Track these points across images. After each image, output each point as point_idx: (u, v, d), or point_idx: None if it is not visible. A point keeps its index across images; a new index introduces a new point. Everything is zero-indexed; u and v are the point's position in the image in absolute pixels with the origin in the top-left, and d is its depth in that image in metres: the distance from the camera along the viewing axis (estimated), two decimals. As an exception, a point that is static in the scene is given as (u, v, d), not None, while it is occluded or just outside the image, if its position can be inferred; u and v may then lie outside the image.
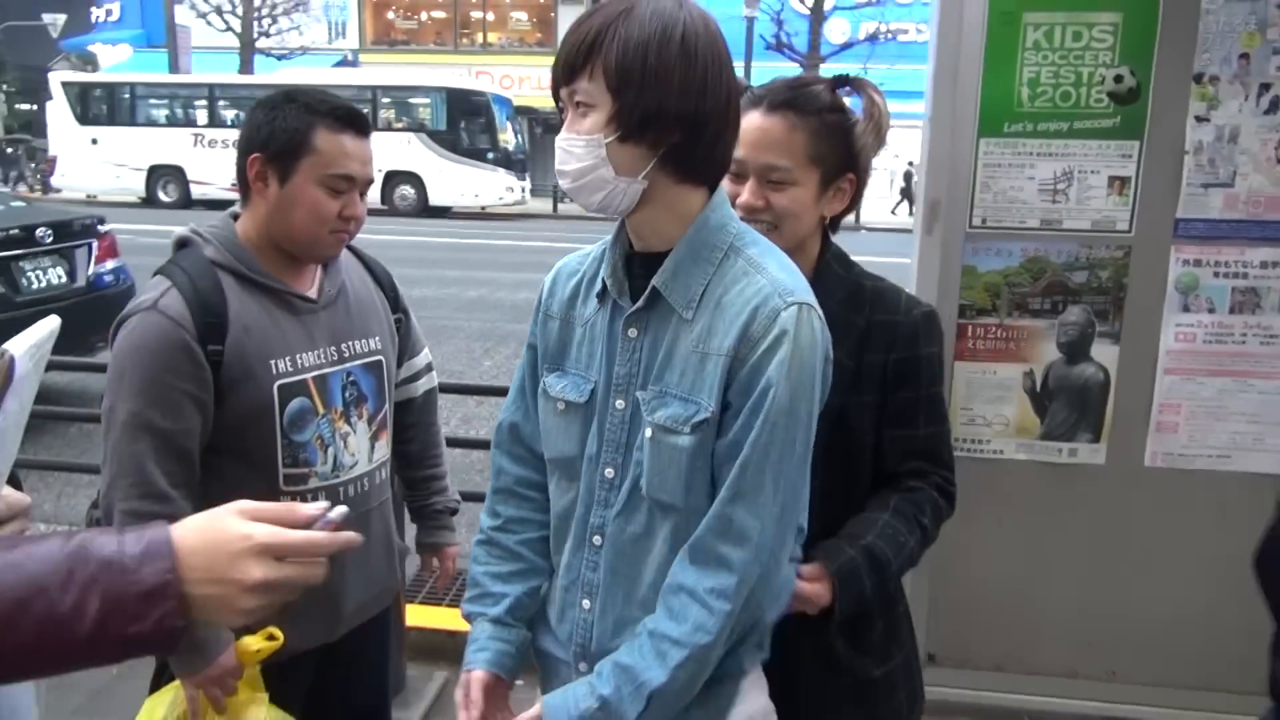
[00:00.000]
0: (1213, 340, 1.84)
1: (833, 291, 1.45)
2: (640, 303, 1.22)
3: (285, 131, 1.60)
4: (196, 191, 19.52)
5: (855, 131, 1.44)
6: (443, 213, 19.95)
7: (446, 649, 3.13)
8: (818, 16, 22.35)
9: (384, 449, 1.83)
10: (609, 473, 1.25)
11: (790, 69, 22.54)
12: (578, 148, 1.16)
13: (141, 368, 1.55)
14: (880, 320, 1.46)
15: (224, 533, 0.83)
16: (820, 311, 1.20)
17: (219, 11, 23.63)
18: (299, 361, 1.65)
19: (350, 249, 1.86)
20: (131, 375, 1.55)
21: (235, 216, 1.71)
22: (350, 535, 0.90)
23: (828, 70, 21.55)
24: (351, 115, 1.66)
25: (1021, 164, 1.82)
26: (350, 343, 1.74)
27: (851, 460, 1.46)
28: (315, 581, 0.87)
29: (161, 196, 19.91)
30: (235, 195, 1.74)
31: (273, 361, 1.62)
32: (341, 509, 0.89)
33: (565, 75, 1.16)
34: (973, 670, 2.09)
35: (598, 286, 1.28)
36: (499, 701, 1.33)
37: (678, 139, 1.16)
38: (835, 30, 23.61)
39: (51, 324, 1.14)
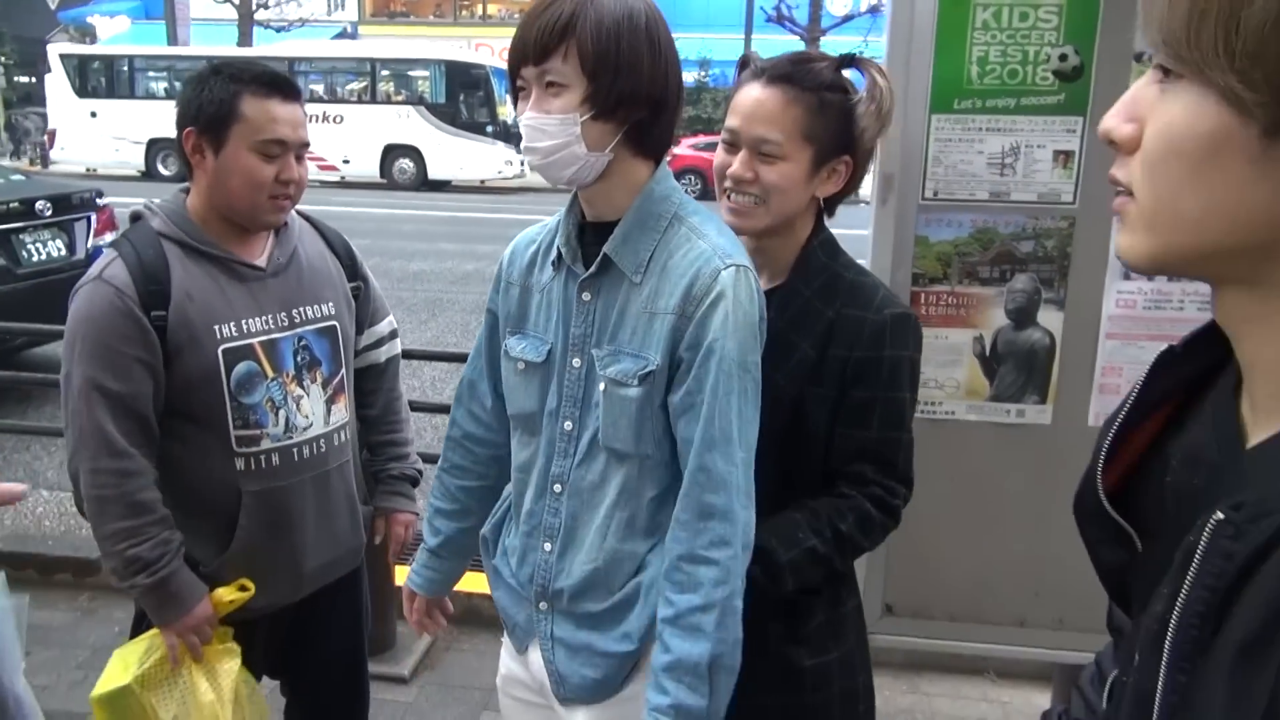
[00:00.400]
0: (1152, 306, 1.94)
1: (810, 280, 1.45)
2: (593, 269, 1.31)
3: (212, 103, 1.64)
4: (196, 165, 19.48)
5: (856, 113, 1.41)
6: (442, 186, 19.96)
7: (435, 606, 3.26)
8: (818, -12, 22.21)
9: (342, 412, 1.87)
10: (568, 425, 1.36)
11: (791, 42, 22.43)
12: (550, 125, 1.23)
13: (90, 335, 1.61)
14: (849, 315, 1.42)
15: None
16: (755, 273, 1.29)
17: (217, -17, 23.53)
18: (245, 327, 1.70)
19: (307, 219, 1.91)
20: (82, 343, 1.61)
21: (188, 191, 1.76)
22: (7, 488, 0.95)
23: (828, 43, 21.43)
24: (277, 80, 1.69)
25: (971, 139, 1.91)
26: (301, 309, 1.78)
27: (807, 449, 1.44)
28: None
29: (161, 170, 19.85)
30: None
31: (217, 327, 1.67)
32: None
33: (537, 55, 1.22)
34: (927, 620, 2.20)
35: (553, 255, 1.37)
36: (431, 608, 1.69)
37: (643, 117, 1.25)
38: (837, 2, 23.48)
39: None
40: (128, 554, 1.63)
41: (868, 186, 1.83)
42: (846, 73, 1.46)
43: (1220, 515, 0.55)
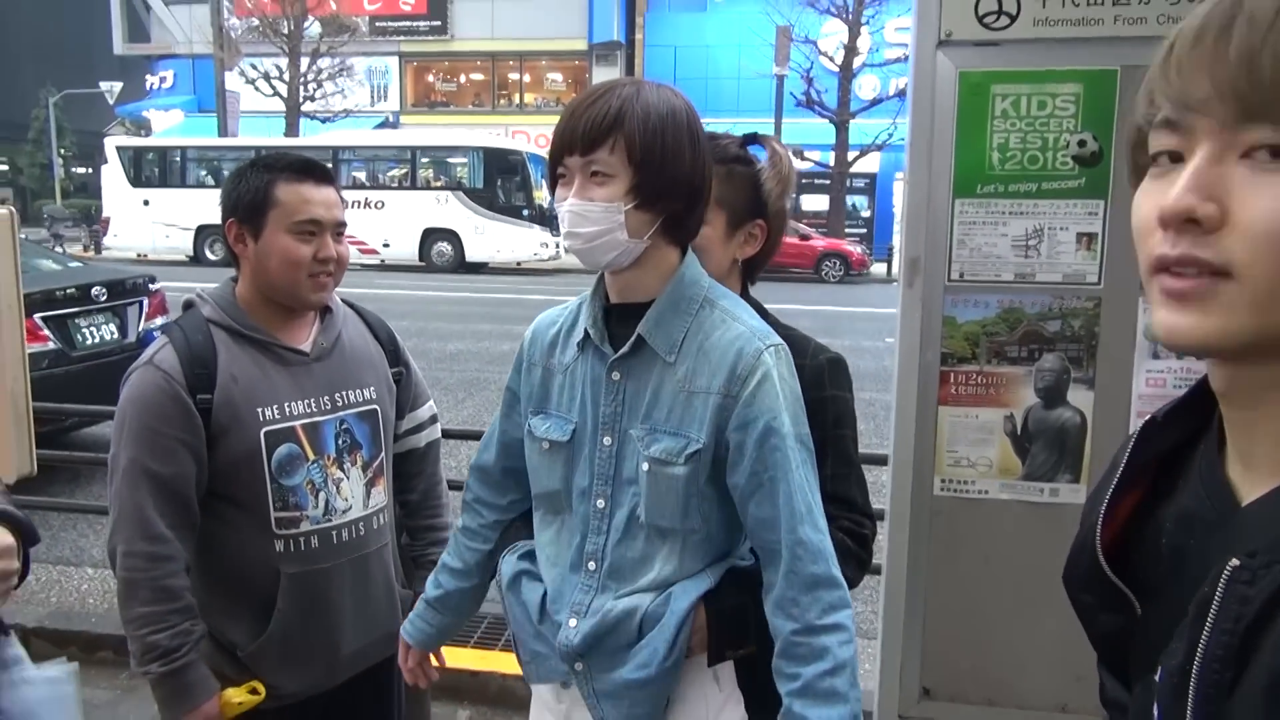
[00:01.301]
0: (1181, 385, 1.95)
1: None
2: (625, 349, 1.36)
3: (249, 191, 1.73)
4: (242, 250, 20.08)
5: (761, 179, 1.57)
6: (479, 268, 20.36)
7: (469, 688, 3.25)
8: (847, 73, 22.68)
9: (381, 495, 1.90)
10: (600, 503, 1.39)
11: (820, 126, 22.85)
12: (594, 212, 1.29)
13: (138, 418, 1.67)
14: None
15: None
16: (789, 350, 1.35)
17: (267, 78, 24.52)
18: (287, 410, 1.75)
19: (351, 306, 1.97)
20: (130, 425, 1.67)
21: (237, 280, 1.84)
22: None
23: (857, 126, 21.71)
24: (308, 165, 1.77)
25: (995, 222, 1.95)
26: (344, 392, 1.83)
27: None
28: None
29: (208, 255, 20.52)
30: None
31: (260, 409, 1.71)
32: None
33: (585, 147, 1.28)
34: (965, 704, 2.16)
35: (577, 335, 1.42)
36: (423, 660, 1.70)
37: (679, 207, 1.32)
38: (865, 86, 23.94)
39: None
40: (148, 640, 1.65)
41: (890, 267, 1.87)
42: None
43: (1236, 562, 0.58)
